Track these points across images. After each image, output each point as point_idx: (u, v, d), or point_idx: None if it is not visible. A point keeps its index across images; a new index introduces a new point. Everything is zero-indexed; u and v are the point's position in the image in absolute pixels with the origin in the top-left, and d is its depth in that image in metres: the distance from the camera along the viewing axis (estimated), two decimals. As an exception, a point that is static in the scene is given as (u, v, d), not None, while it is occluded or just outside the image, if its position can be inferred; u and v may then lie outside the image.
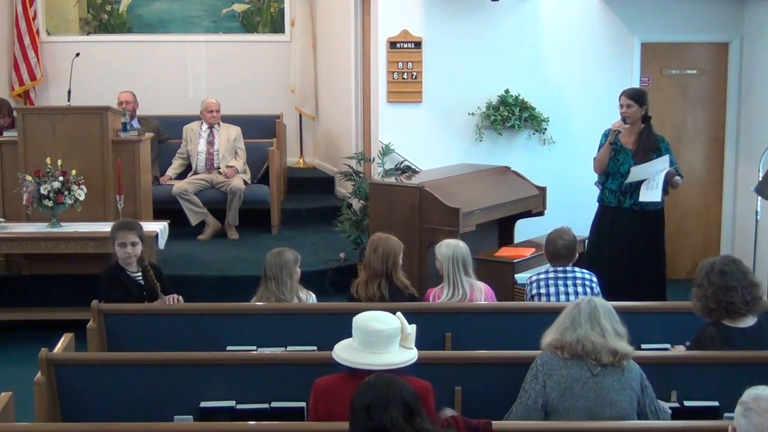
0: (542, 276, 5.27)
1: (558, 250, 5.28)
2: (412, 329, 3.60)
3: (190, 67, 9.98)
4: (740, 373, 3.86)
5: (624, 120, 6.34)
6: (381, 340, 3.47)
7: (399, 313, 3.62)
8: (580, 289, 5.14)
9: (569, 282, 5.18)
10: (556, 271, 5.27)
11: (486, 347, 4.39)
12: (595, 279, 5.29)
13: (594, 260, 6.36)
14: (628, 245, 6.33)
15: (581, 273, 5.28)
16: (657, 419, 3.67)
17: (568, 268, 5.26)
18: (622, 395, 3.59)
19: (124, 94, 8.36)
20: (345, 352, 3.51)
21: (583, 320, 3.65)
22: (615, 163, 6.40)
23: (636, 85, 7.92)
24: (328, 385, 3.52)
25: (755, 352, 4.00)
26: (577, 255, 5.53)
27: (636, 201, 6.29)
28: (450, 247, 5.05)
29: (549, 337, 3.71)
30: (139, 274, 4.97)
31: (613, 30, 7.86)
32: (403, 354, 3.52)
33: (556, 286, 5.18)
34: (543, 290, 5.19)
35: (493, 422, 3.35)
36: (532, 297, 5.25)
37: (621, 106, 6.37)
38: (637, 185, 6.30)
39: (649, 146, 6.32)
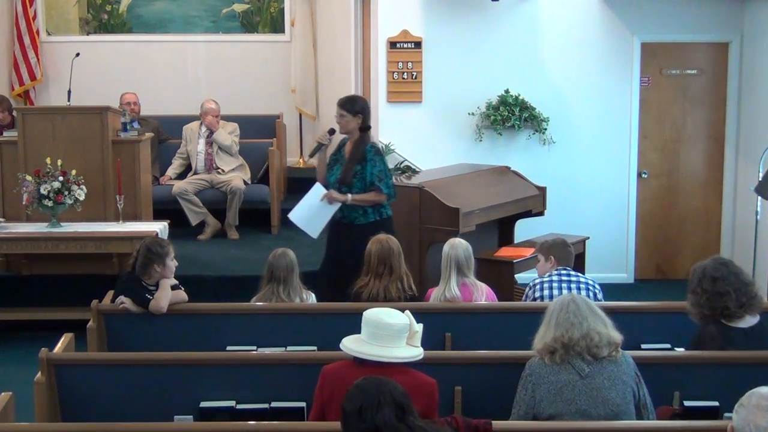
0: (546, 279, 5.18)
1: (568, 249, 5.27)
2: (419, 328, 3.65)
3: (190, 67, 9.96)
4: (740, 373, 3.86)
5: (333, 131, 5.96)
6: (390, 334, 3.52)
7: (408, 312, 3.66)
8: (583, 293, 5.03)
9: (573, 286, 5.06)
10: (560, 275, 5.16)
11: (486, 347, 4.39)
12: (598, 285, 5.21)
13: (323, 270, 6.02)
14: (342, 255, 5.79)
15: (585, 278, 5.20)
16: (647, 414, 3.67)
17: (572, 272, 5.18)
18: (614, 392, 3.57)
19: (130, 95, 8.34)
20: (353, 344, 3.57)
21: (586, 313, 3.63)
22: (330, 172, 5.98)
23: (636, 85, 7.94)
24: (335, 370, 3.58)
25: (755, 352, 4.00)
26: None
27: (344, 213, 5.85)
28: (449, 246, 5.05)
29: (549, 335, 3.65)
30: (154, 286, 4.88)
31: (613, 30, 7.86)
32: (410, 350, 3.57)
33: (560, 288, 5.07)
34: (546, 292, 5.10)
35: (493, 422, 3.35)
36: (534, 300, 5.16)
37: (336, 116, 5.89)
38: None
39: (356, 157, 5.81)
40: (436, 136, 7.81)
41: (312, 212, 5.87)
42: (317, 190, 5.88)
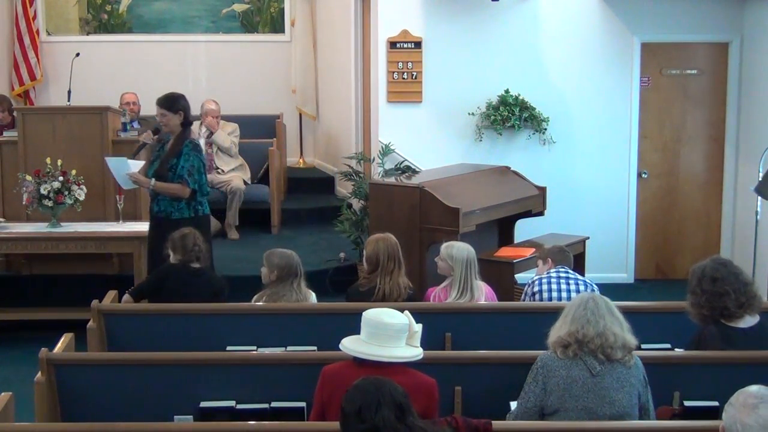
0: (544, 276, 5.26)
1: (565, 253, 5.41)
2: (419, 328, 3.65)
3: (190, 67, 9.97)
4: (740, 373, 3.86)
5: (157, 131, 6.02)
6: (390, 334, 3.52)
7: (407, 312, 3.67)
8: (582, 288, 5.14)
9: (571, 281, 5.17)
10: (558, 271, 5.26)
11: (486, 347, 4.39)
12: (595, 285, 5.28)
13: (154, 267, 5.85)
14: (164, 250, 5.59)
15: (582, 278, 5.30)
16: (647, 418, 3.68)
17: (570, 272, 5.29)
18: (621, 393, 3.58)
19: (129, 95, 8.34)
20: (353, 344, 3.57)
21: (605, 312, 3.65)
22: (150, 167, 5.97)
23: (636, 85, 7.93)
24: (335, 370, 3.59)
25: (755, 352, 4.00)
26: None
27: (160, 208, 5.88)
28: (464, 250, 5.03)
29: (564, 329, 3.65)
30: None
31: (613, 30, 7.86)
32: (409, 350, 3.57)
33: (558, 283, 5.17)
34: (545, 287, 5.18)
35: (493, 422, 3.35)
36: (533, 295, 5.22)
37: (157, 115, 5.96)
38: None
39: (174, 152, 5.86)
40: (436, 136, 7.81)
41: (119, 173, 6.05)
42: (129, 164, 6.01)
